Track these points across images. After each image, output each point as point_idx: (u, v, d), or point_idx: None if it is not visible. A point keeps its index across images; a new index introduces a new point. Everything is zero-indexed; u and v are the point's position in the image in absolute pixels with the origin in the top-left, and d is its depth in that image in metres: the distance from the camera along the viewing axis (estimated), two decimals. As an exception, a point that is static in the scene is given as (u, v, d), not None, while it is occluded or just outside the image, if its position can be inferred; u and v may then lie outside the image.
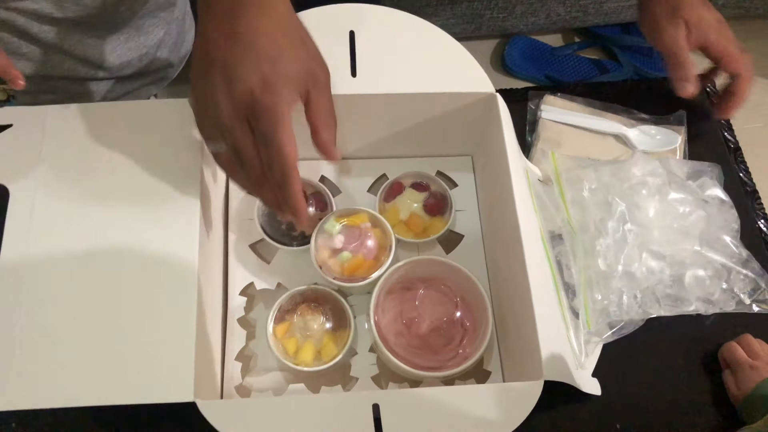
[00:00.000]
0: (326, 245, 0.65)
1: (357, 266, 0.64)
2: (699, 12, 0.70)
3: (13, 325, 0.53)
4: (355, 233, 0.65)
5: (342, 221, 0.65)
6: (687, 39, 0.70)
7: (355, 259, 0.64)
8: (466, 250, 0.69)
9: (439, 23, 1.29)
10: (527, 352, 0.55)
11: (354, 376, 0.63)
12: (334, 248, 0.64)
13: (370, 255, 0.64)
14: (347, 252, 0.64)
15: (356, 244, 0.64)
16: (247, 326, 0.65)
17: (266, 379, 0.64)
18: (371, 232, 0.65)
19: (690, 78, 0.70)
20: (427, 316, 0.62)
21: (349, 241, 0.64)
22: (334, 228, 0.65)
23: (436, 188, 0.69)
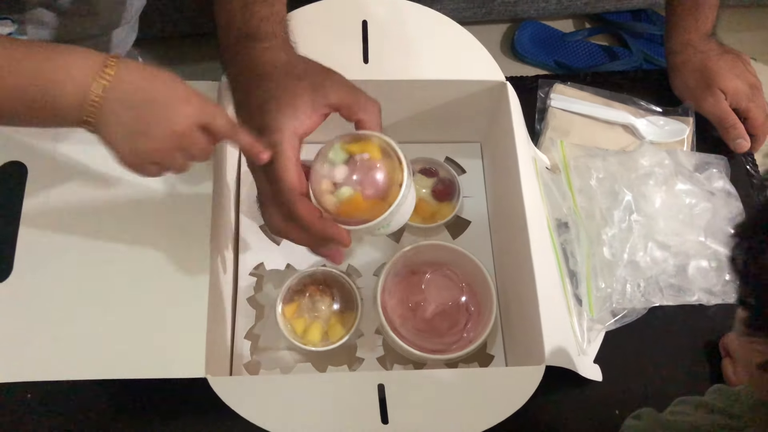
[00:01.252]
0: (328, 176, 0.54)
1: (354, 206, 0.53)
2: (734, 83, 0.75)
3: (31, 300, 0.54)
4: (362, 165, 0.53)
5: (349, 148, 0.54)
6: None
7: (354, 197, 0.53)
8: (472, 236, 0.70)
9: (450, 7, 1.29)
10: (530, 337, 0.56)
11: (360, 356, 0.65)
12: (335, 181, 0.54)
13: (375, 193, 0.53)
14: (347, 187, 0.53)
15: (360, 179, 0.53)
16: (257, 306, 0.67)
17: (274, 357, 0.65)
18: (381, 164, 0.54)
19: (743, 135, 0.75)
20: (433, 300, 0.63)
21: (352, 174, 0.53)
22: (339, 157, 0.54)
23: (445, 174, 0.70)
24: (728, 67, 0.75)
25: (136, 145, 0.48)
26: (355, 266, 0.69)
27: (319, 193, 0.53)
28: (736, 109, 0.75)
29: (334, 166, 0.53)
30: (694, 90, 0.76)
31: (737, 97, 0.75)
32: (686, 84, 0.77)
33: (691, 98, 0.77)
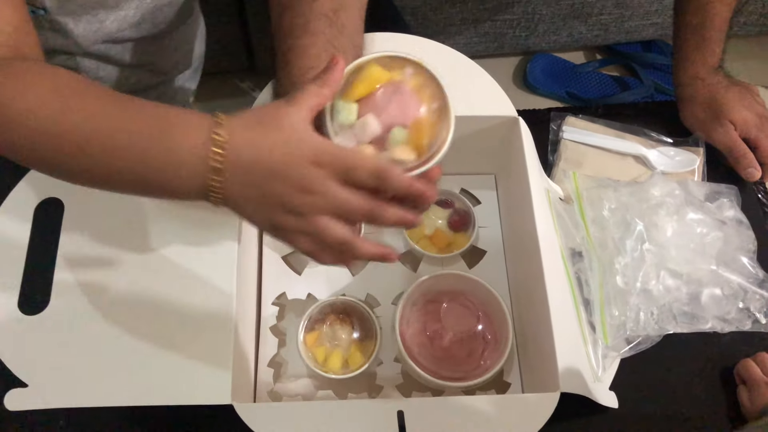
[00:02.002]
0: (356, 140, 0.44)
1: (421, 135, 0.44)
2: (742, 114, 0.76)
3: (66, 331, 0.57)
4: (381, 99, 0.44)
5: (350, 97, 0.45)
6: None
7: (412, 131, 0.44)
8: (488, 265, 0.71)
9: (463, 42, 1.33)
10: (545, 365, 0.58)
11: (379, 384, 0.66)
12: (371, 138, 0.44)
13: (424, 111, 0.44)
14: (397, 129, 0.43)
15: (396, 113, 0.43)
16: (279, 334, 0.69)
17: (296, 385, 0.67)
18: (397, 83, 0.44)
19: (753, 164, 0.76)
20: (450, 329, 0.65)
21: (380, 114, 0.43)
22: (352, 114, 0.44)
23: (460, 205, 0.72)
24: (737, 98, 0.77)
25: (273, 220, 0.43)
26: (373, 295, 0.70)
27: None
28: (746, 138, 0.77)
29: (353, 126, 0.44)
30: (704, 122, 0.78)
31: (746, 127, 0.76)
32: (696, 116, 0.79)
33: (701, 130, 0.79)
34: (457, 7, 1.24)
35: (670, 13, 0.81)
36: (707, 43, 0.78)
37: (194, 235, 0.61)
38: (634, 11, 1.33)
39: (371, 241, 0.46)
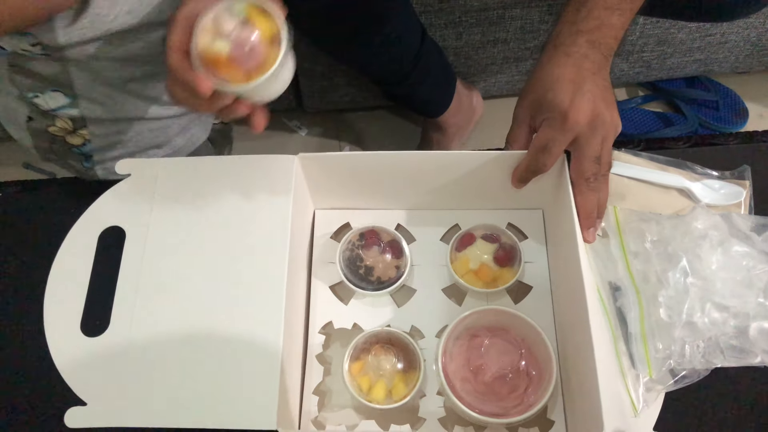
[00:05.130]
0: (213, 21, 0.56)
1: (221, 63, 0.56)
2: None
3: (123, 352, 0.59)
4: (246, 34, 0.55)
5: (249, 11, 0.56)
6: None
7: (225, 55, 0.55)
8: (534, 301, 0.72)
9: (505, 80, 1.35)
10: (589, 404, 0.57)
11: (422, 417, 0.67)
12: (219, 31, 0.56)
13: (246, 62, 0.56)
14: (224, 43, 0.55)
15: (239, 44, 0.55)
16: (324, 362, 0.70)
17: (340, 414, 0.68)
18: (266, 46, 0.56)
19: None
20: (493, 364, 0.65)
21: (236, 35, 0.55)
22: (241, 13, 0.56)
23: (506, 240, 0.73)
24: None
25: None
26: (417, 327, 0.71)
27: (196, 37, 0.55)
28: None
29: (226, 17, 0.55)
30: None
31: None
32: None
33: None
34: (499, 47, 1.25)
35: (713, 50, 0.80)
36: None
37: (246, 264, 0.63)
38: (676, 48, 1.32)
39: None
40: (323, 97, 1.32)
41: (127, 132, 0.84)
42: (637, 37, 1.28)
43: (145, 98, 0.83)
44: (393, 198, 0.76)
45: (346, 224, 0.78)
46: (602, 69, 0.65)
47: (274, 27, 0.56)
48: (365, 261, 0.73)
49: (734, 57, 1.36)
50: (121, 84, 0.79)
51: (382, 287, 0.72)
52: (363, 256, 0.73)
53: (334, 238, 0.77)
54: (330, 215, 0.78)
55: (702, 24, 1.27)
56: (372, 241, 0.74)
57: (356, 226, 0.76)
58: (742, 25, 1.28)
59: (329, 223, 0.78)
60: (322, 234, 0.77)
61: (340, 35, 1.05)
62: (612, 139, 0.65)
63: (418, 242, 0.76)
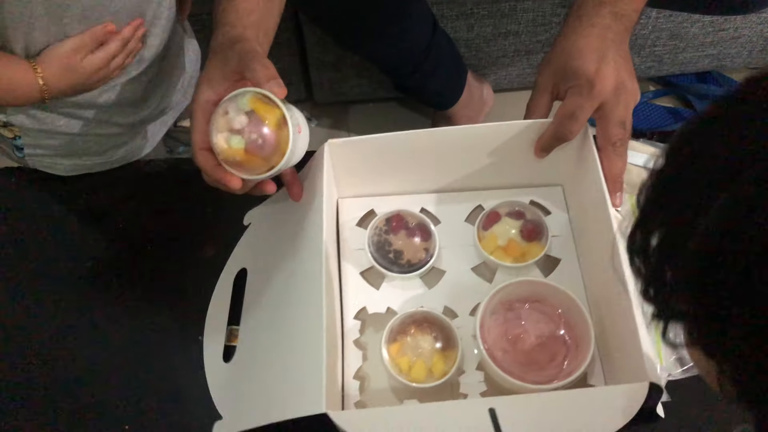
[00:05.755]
0: (224, 123, 0.61)
1: (240, 158, 0.61)
2: None
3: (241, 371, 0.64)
4: (257, 125, 0.60)
5: (253, 104, 0.61)
6: None
7: (241, 150, 0.61)
8: (563, 273, 0.73)
9: (515, 73, 1.36)
10: (630, 361, 0.58)
11: (463, 392, 0.68)
12: (232, 128, 0.61)
13: (260, 153, 0.61)
14: (239, 138, 0.60)
15: (251, 136, 0.60)
16: (361, 347, 0.71)
17: (381, 396, 0.68)
18: (273, 130, 0.61)
19: None
20: (532, 333, 0.66)
21: (247, 129, 0.60)
22: (241, 107, 0.61)
23: (531, 216, 0.74)
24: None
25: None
26: (450, 307, 0.72)
27: (213, 137, 0.61)
28: None
29: (234, 115, 0.60)
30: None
31: None
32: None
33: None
34: (510, 39, 1.26)
35: (726, 45, 0.80)
36: None
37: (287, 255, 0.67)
38: (689, 43, 1.32)
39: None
40: (333, 88, 1.33)
41: (57, 140, 0.84)
42: (649, 31, 1.29)
43: (80, 118, 0.83)
44: (416, 181, 0.78)
45: (370, 211, 0.79)
46: (624, 40, 0.67)
47: (278, 112, 0.61)
48: (394, 245, 0.74)
49: (747, 52, 1.36)
50: (53, 105, 0.79)
51: (412, 270, 0.73)
52: (391, 241, 0.74)
53: (360, 225, 0.78)
54: (353, 203, 0.79)
55: (715, 18, 1.27)
56: (399, 225, 0.75)
57: (380, 212, 0.77)
58: (755, 20, 1.28)
59: (353, 210, 0.79)
60: (347, 221, 0.78)
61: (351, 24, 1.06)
62: (633, 106, 0.66)
63: (443, 224, 0.77)
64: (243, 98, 0.61)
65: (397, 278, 0.73)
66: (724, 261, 0.29)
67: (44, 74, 0.71)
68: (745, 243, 0.28)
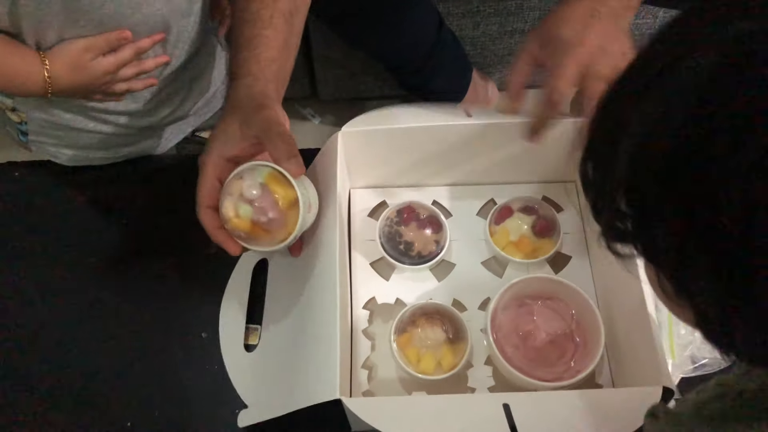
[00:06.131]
0: (236, 191, 0.60)
1: (245, 229, 0.60)
2: None
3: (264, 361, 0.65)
4: (268, 201, 0.59)
5: (267, 178, 0.60)
6: None
7: (249, 222, 0.60)
8: (574, 270, 0.73)
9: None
10: (644, 362, 0.59)
11: (471, 386, 0.68)
12: (243, 195, 0.60)
13: (267, 227, 0.60)
14: (248, 208, 0.59)
15: (260, 211, 0.59)
16: (370, 338, 0.71)
17: (390, 387, 0.69)
18: (285, 211, 0.60)
19: None
20: (543, 330, 0.66)
21: (257, 202, 0.59)
22: (262, 179, 0.60)
23: (544, 212, 0.74)
24: None
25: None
26: (459, 301, 0.72)
27: (224, 201, 0.60)
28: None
29: (250, 184, 0.59)
30: None
31: None
32: None
33: None
34: (516, 38, 1.26)
35: None
36: None
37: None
38: None
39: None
40: (338, 85, 1.32)
41: (62, 132, 0.83)
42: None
43: (86, 115, 0.82)
44: (429, 173, 0.77)
45: (381, 202, 0.79)
46: (620, 16, 0.65)
47: (292, 194, 0.60)
48: (404, 237, 0.74)
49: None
50: (61, 100, 0.78)
51: (422, 262, 0.72)
52: (402, 232, 0.74)
53: (371, 216, 0.78)
54: (365, 194, 0.79)
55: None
56: (410, 216, 0.75)
57: (392, 203, 0.77)
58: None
59: (365, 201, 0.79)
60: (359, 212, 0.78)
61: (358, 21, 1.06)
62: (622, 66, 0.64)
63: (455, 217, 0.77)
64: (261, 171, 0.60)
65: (407, 270, 0.73)
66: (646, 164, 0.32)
67: (51, 67, 0.70)
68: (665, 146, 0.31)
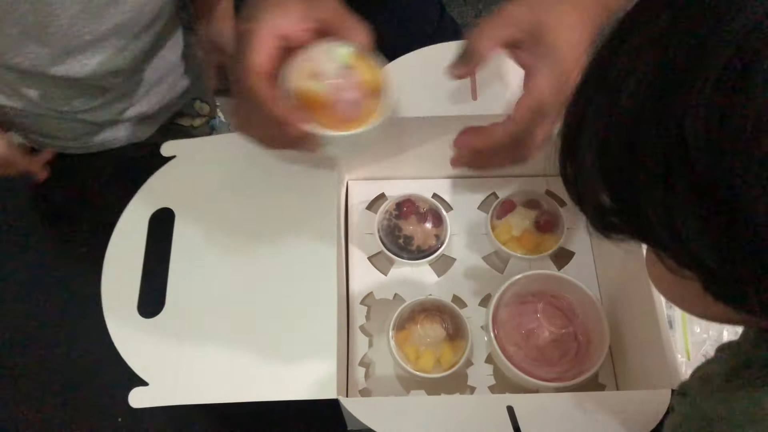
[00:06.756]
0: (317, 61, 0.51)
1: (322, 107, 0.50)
2: None
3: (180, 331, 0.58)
4: (352, 81, 0.51)
5: (353, 58, 0.52)
6: None
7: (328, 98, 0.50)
8: (577, 267, 0.71)
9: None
10: (652, 362, 0.57)
11: (471, 385, 0.66)
12: (320, 71, 0.50)
13: (346, 110, 0.51)
14: (327, 84, 0.50)
15: (343, 90, 0.51)
16: (367, 334, 0.69)
17: (387, 385, 0.67)
18: (367, 99, 0.52)
19: None
20: (545, 329, 0.65)
21: (340, 79, 0.51)
22: (338, 57, 0.51)
23: (547, 206, 0.72)
24: None
25: None
26: (459, 296, 0.71)
27: (297, 70, 0.50)
28: None
29: (326, 62, 0.50)
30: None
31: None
32: None
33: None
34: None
35: None
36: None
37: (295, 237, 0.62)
38: None
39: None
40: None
41: (27, 120, 0.78)
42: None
43: (39, 107, 0.76)
44: (429, 165, 0.75)
45: (380, 195, 0.76)
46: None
47: (377, 78, 0.52)
48: (404, 230, 0.72)
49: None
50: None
51: (422, 256, 0.71)
52: (401, 226, 0.72)
53: (369, 209, 0.76)
54: (363, 186, 0.77)
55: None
56: (409, 210, 0.73)
57: (391, 196, 0.75)
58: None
59: (363, 193, 0.76)
60: (356, 204, 0.76)
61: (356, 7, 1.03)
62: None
63: (455, 211, 0.75)
64: (341, 50, 0.51)
65: (405, 264, 0.71)
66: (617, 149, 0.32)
67: None
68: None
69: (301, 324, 0.58)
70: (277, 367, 0.56)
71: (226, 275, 0.60)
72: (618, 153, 0.32)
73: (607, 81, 0.32)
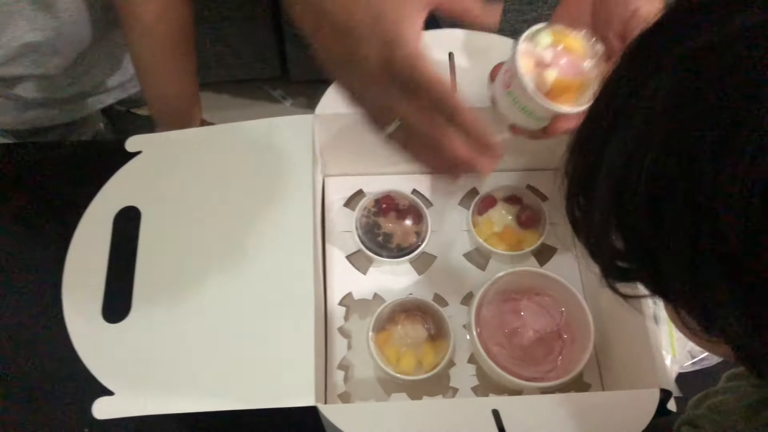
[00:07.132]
0: (531, 54, 0.54)
1: (565, 87, 0.53)
2: None
3: (148, 337, 0.55)
4: (565, 54, 0.54)
5: (554, 35, 0.54)
6: None
7: (564, 79, 0.53)
8: (559, 263, 0.69)
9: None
10: (638, 361, 0.56)
11: (454, 386, 0.64)
12: (541, 61, 0.54)
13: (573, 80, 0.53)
14: (554, 70, 0.53)
15: (564, 65, 0.53)
16: (346, 336, 0.67)
17: (367, 388, 0.65)
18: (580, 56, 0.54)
19: None
20: (530, 327, 0.63)
21: (559, 59, 0.53)
22: (545, 40, 0.54)
23: (529, 202, 0.70)
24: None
25: None
26: (440, 295, 0.69)
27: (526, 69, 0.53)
28: None
29: (540, 48, 0.54)
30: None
31: None
32: None
33: None
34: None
35: None
36: None
37: (269, 237, 0.59)
38: None
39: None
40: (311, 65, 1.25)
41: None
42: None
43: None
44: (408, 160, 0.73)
45: (358, 191, 0.74)
46: None
47: (581, 43, 0.54)
48: (383, 228, 0.69)
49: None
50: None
51: (402, 254, 0.68)
52: (380, 223, 0.70)
53: (347, 206, 0.73)
54: (340, 182, 0.74)
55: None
56: (389, 206, 0.70)
57: (370, 192, 0.73)
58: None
59: (340, 189, 0.74)
60: (333, 201, 0.73)
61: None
62: None
63: (436, 207, 0.73)
64: (543, 34, 0.54)
65: (385, 263, 0.69)
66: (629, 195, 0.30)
67: None
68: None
69: (277, 327, 0.55)
70: (252, 373, 0.53)
71: (196, 277, 0.57)
72: (639, 209, 0.30)
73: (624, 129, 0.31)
